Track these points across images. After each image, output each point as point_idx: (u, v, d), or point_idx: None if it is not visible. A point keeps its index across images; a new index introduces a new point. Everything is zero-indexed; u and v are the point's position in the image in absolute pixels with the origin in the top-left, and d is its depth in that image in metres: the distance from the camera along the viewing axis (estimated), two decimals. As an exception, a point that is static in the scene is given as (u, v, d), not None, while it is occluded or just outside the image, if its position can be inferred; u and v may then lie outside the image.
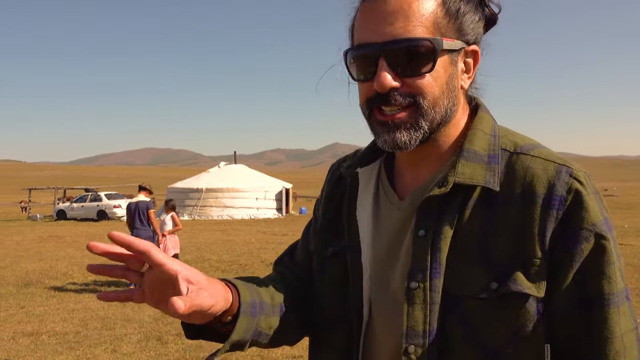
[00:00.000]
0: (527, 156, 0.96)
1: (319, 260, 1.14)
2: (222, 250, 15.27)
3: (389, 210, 1.06)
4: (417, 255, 0.95)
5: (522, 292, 0.88)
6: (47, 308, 8.57)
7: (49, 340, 6.80)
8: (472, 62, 1.00)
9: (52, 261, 13.50)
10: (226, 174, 32.45)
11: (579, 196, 0.90)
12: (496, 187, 0.94)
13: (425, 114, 0.93)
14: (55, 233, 22.19)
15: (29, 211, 36.20)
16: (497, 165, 0.96)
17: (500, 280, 0.90)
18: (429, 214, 0.96)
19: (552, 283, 0.90)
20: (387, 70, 0.91)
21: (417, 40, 0.90)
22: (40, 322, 7.66)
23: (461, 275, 0.92)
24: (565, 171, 0.92)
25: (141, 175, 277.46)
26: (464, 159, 0.96)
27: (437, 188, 0.95)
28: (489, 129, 1.01)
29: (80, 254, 14.84)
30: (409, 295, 0.94)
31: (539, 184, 0.92)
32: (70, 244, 18.13)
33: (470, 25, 0.97)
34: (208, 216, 29.76)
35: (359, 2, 0.99)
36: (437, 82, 0.93)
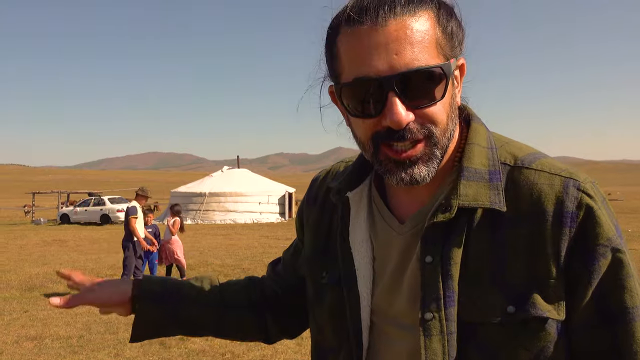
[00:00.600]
0: (530, 170, 0.92)
1: (314, 287, 1.11)
2: (225, 254, 15.26)
3: (389, 235, 1.01)
4: (428, 283, 0.91)
5: (542, 317, 0.86)
6: (50, 312, 8.57)
7: (52, 344, 6.80)
8: (459, 75, 0.95)
9: (55, 265, 13.50)
10: (229, 178, 32.46)
11: (590, 211, 0.87)
12: (503, 207, 0.90)
13: (439, 142, 0.89)
14: (59, 237, 22.22)
15: (33, 215, 36.26)
16: (500, 183, 0.92)
17: (517, 303, 0.87)
18: (434, 239, 0.92)
19: (571, 301, 0.87)
20: (400, 105, 0.84)
21: (430, 68, 0.84)
22: (43, 326, 7.66)
23: (475, 301, 0.89)
24: (572, 185, 0.89)
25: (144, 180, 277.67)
26: (465, 179, 0.92)
27: (441, 214, 0.90)
28: (485, 142, 0.97)
29: (84, 258, 14.85)
30: (424, 327, 0.90)
31: (547, 201, 0.88)
32: (74, 248, 18.15)
33: (461, 38, 0.92)
34: (211, 220, 29.77)
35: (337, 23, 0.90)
36: (444, 107, 0.89)
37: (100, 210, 30.64)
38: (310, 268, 1.13)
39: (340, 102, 0.92)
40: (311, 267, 1.12)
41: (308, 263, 1.14)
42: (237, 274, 11.94)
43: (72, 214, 31.49)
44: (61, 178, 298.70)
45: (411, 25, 0.84)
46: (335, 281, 1.05)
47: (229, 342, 6.63)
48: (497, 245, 0.89)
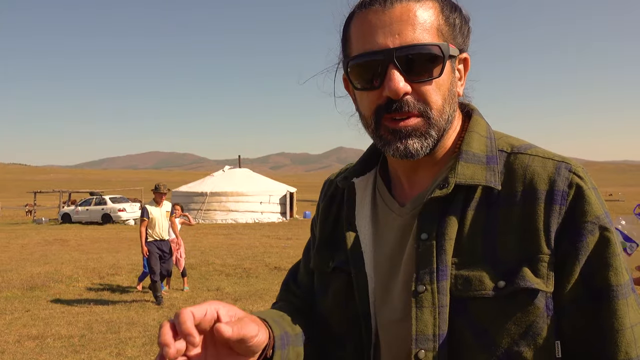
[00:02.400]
0: (525, 155, 0.97)
1: (320, 277, 1.13)
2: (226, 254, 15.27)
3: (390, 218, 1.05)
4: (422, 258, 0.94)
5: (531, 288, 0.88)
6: (52, 311, 8.60)
7: (54, 343, 6.82)
8: (463, 69, 1.02)
9: (57, 264, 13.53)
10: (230, 178, 32.46)
11: (580, 190, 0.91)
12: (498, 185, 0.95)
13: (435, 123, 0.95)
14: (60, 236, 22.25)
15: (34, 214, 36.31)
16: (496, 166, 0.97)
17: (508, 278, 0.89)
18: (430, 216, 0.96)
19: (560, 277, 0.90)
20: (399, 76, 0.91)
21: (427, 45, 0.92)
22: (45, 326, 7.68)
23: (467, 276, 0.92)
24: (564, 167, 0.94)
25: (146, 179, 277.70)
26: (463, 161, 0.97)
27: (439, 190, 0.95)
28: (485, 132, 1.03)
29: (85, 258, 14.88)
30: (417, 299, 0.93)
31: (540, 181, 0.93)
32: (75, 247, 18.17)
33: (461, 32, 0.99)
34: (212, 220, 29.78)
35: (352, 11, 0.99)
36: (441, 90, 0.95)
37: (102, 210, 30.66)
38: (318, 258, 1.14)
39: (349, 80, 0.99)
40: (319, 257, 1.14)
41: (316, 254, 1.15)
42: (239, 273, 11.96)
43: (74, 213, 31.51)
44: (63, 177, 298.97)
45: (415, 9, 0.93)
46: (341, 266, 1.06)
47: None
48: (491, 223, 0.93)
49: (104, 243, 19.38)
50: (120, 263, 13.68)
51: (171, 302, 9.18)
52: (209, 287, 10.48)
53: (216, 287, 10.42)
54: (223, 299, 9.35)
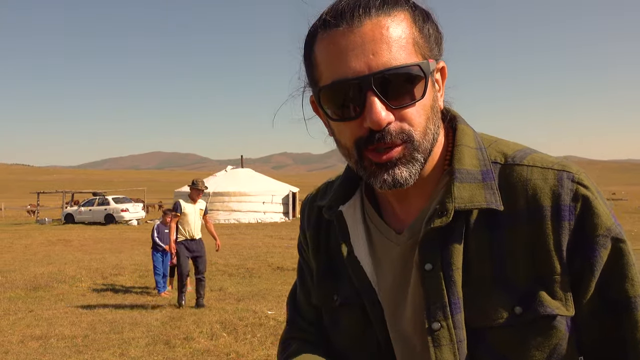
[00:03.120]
0: (522, 167, 0.91)
1: (329, 313, 1.06)
2: (229, 254, 15.27)
3: (387, 247, 0.99)
4: (431, 291, 0.89)
5: (552, 315, 0.85)
6: (55, 312, 8.61)
7: (57, 343, 6.83)
8: (440, 78, 0.94)
9: (60, 265, 13.55)
10: (233, 178, 32.50)
11: (587, 202, 0.86)
12: (500, 206, 0.88)
13: (420, 146, 0.87)
14: (64, 237, 22.29)
15: (37, 215, 36.38)
16: (494, 182, 0.91)
17: (524, 303, 0.85)
18: (432, 245, 0.90)
19: (576, 295, 0.86)
20: (379, 105, 0.83)
21: (407, 67, 0.83)
22: (48, 326, 7.69)
23: (481, 306, 0.87)
24: (566, 177, 0.88)
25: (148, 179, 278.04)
26: (458, 181, 0.90)
27: (438, 218, 0.88)
28: (473, 143, 0.96)
29: (88, 258, 14.90)
30: (433, 337, 0.88)
31: (543, 196, 0.87)
32: (79, 247, 18.21)
33: (436, 40, 0.90)
34: (215, 220, 29.78)
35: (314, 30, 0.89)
36: (424, 110, 0.87)
37: (105, 210, 30.70)
38: (322, 294, 1.07)
39: (321, 109, 0.90)
40: (322, 292, 1.07)
41: (318, 289, 1.09)
42: (241, 273, 11.96)
43: (77, 213, 31.56)
44: (65, 178, 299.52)
45: (387, 25, 0.84)
46: (348, 300, 1.01)
47: (234, 342, 6.65)
48: (497, 246, 0.88)
49: (107, 243, 19.41)
50: (123, 263, 13.69)
51: (174, 302, 9.18)
52: (211, 287, 10.48)
53: (219, 287, 10.42)
54: (226, 299, 9.37)
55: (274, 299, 9.21)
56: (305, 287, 1.15)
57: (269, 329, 7.24)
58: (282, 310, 8.26)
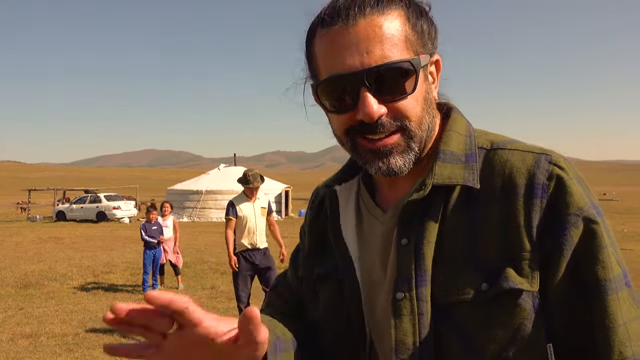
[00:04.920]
0: (505, 150, 0.94)
1: (310, 285, 1.11)
2: (221, 252, 15.23)
3: (373, 225, 1.03)
4: (402, 264, 0.91)
5: (515, 288, 0.84)
6: (46, 309, 8.57)
7: (47, 341, 6.80)
8: (435, 71, 0.98)
9: (51, 262, 13.49)
10: (226, 176, 32.44)
11: (561, 181, 0.87)
12: (476, 184, 0.91)
13: (415, 135, 0.92)
14: (55, 234, 22.18)
15: (29, 212, 36.17)
16: (475, 164, 0.94)
17: (490, 280, 0.85)
18: (410, 221, 0.93)
19: (546, 275, 0.85)
20: (371, 99, 0.88)
21: (398, 63, 0.87)
22: (39, 324, 7.66)
23: (449, 281, 0.88)
24: (544, 159, 0.90)
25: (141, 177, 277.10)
26: (441, 161, 0.94)
27: (416, 193, 0.92)
28: (464, 130, 0.99)
29: (80, 256, 14.84)
30: (395, 307, 0.90)
31: (519, 175, 0.89)
32: (70, 245, 18.12)
33: (433, 35, 0.95)
34: (207, 218, 29.75)
35: (314, 27, 0.95)
36: (418, 102, 0.91)
37: (97, 208, 30.58)
38: (307, 267, 1.13)
39: (319, 101, 0.97)
40: (307, 266, 1.13)
41: (305, 263, 1.14)
42: (233, 272, 11.93)
43: (68, 211, 31.42)
44: (57, 175, 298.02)
45: (380, 23, 0.88)
46: (327, 274, 1.05)
47: (225, 340, 6.62)
48: (472, 224, 0.89)
49: (98, 241, 19.33)
50: (115, 261, 13.65)
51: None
52: (203, 285, 10.47)
53: (211, 286, 10.41)
54: (217, 297, 9.35)
55: (265, 297, 9.19)
56: (296, 263, 1.21)
57: (260, 327, 7.21)
58: (274, 308, 8.26)
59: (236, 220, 6.83)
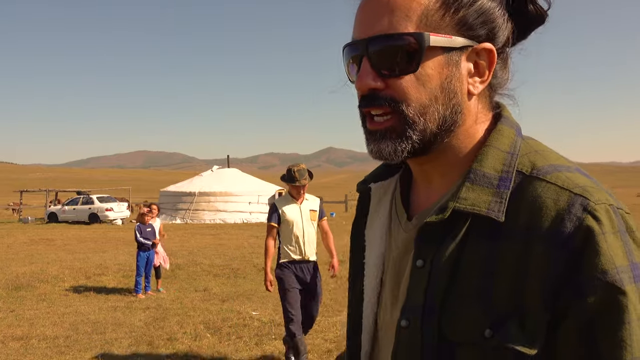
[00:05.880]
0: (542, 182, 0.81)
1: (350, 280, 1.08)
2: (214, 254, 15.22)
3: (397, 231, 0.96)
4: (413, 287, 0.85)
5: (512, 349, 0.76)
6: (37, 312, 8.52)
7: (39, 344, 6.76)
8: (485, 63, 0.86)
9: (42, 264, 13.41)
10: (219, 177, 32.39)
11: (590, 235, 0.74)
12: (500, 217, 0.80)
13: (413, 122, 0.83)
14: (47, 236, 22.05)
15: (20, 213, 35.94)
16: (507, 191, 0.82)
17: (495, 327, 0.77)
18: (428, 242, 0.85)
19: (554, 338, 0.76)
20: (369, 70, 0.83)
21: (397, 35, 0.81)
22: (30, 326, 7.61)
23: (457, 317, 0.80)
24: (580, 203, 0.76)
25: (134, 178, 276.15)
26: (470, 182, 0.84)
27: (435, 215, 0.84)
28: (507, 146, 0.87)
29: (71, 257, 14.75)
30: (398, 334, 0.86)
31: (546, 217, 0.77)
32: (62, 247, 18.01)
33: (480, 18, 0.84)
34: (200, 220, 29.67)
35: None
36: (425, 86, 0.82)
37: (89, 209, 30.41)
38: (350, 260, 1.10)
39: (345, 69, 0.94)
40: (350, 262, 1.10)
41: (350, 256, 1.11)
42: (226, 273, 11.92)
43: (60, 212, 31.24)
44: (49, 176, 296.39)
45: None
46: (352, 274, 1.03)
47: (217, 343, 6.63)
48: (489, 260, 0.80)
49: (90, 243, 19.23)
50: (107, 263, 13.58)
51: (158, 302, 9.12)
52: (196, 287, 10.43)
53: (204, 288, 10.38)
54: (210, 299, 9.33)
55: (258, 299, 9.18)
56: None
57: (253, 329, 7.22)
58: (267, 311, 8.25)
59: (280, 226, 5.60)
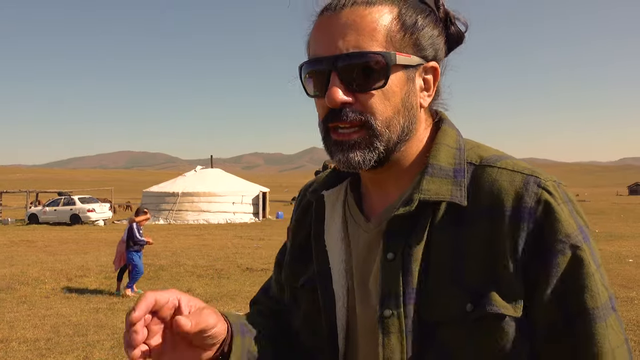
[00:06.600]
0: (493, 168, 0.92)
1: (290, 292, 1.10)
2: (197, 255, 15.15)
3: (357, 234, 1.01)
4: (388, 280, 0.90)
5: (498, 313, 0.84)
6: (17, 314, 8.41)
7: (19, 347, 6.67)
8: (432, 79, 0.96)
9: (23, 266, 13.23)
10: (202, 178, 32.27)
11: (549, 206, 0.86)
12: (463, 201, 0.90)
13: (380, 134, 0.90)
14: (27, 237, 21.76)
15: (0, 215, 35.45)
16: (464, 179, 0.92)
17: (476, 301, 0.85)
18: (396, 235, 0.92)
19: (531, 301, 0.85)
20: (338, 85, 0.88)
21: (368, 54, 0.87)
22: (10, 329, 7.51)
23: (434, 299, 0.87)
24: (533, 181, 0.88)
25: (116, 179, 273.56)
26: (429, 175, 0.93)
27: (402, 207, 0.91)
28: (454, 143, 0.98)
29: (52, 259, 14.58)
30: (383, 324, 0.89)
31: (506, 196, 0.88)
32: (43, 248, 17.79)
33: (429, 40, 0.94)
34: (184, 220, 29.51)
35: (316, 16, 0.96)
36: (390, 101, 0.90)
37: (70, 210, 30.10)
38: (289, 273, 1.11)
39: (302, 84, 0.97)
40: (290, 271, 1.11)
41: (288, 268, 1.12)
42: (210, 274, 11.87)
43: (41, 213, 30.86)
44: (30, 177, 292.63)
45: (363, 14, 0.89)
46: (309, 283, 1.04)
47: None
48: (458, 242, 0.89)
49: (72, 244, 19.02)
50: (89, 265, 13.45)
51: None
52: (180, 288, 10.26)
53: (187, 289, 10.32)
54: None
55: (242, 300, 9.17)
56: (279, 269, 1.19)
57: (237, 330, 7.19)
58: (251, 311, 8.23)
59: None
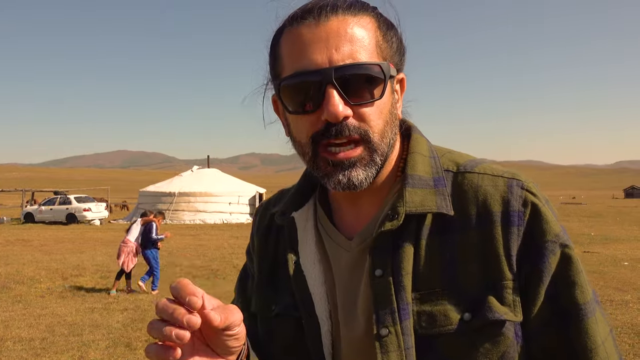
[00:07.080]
0: (473, 174, 0.92)
1: (264, 322, 1.02)
2: (193, 255, 15.14)
3: (337, 253, 0.97)
4: (380, 297, 0.87)
5: (500, 320, 0.84)
6: (12, 313, 8.39)
7: (14, 346, 6.66)
8: (400, 90, 0.96)
9: (18, 265, 13.21)
10: (199, 178, 32.24)
11: (536, 208, 0.88)
12: (450, 211, 0.89)
13: (377, 148, 0.88)
14: (23, 236, 21.72)
15: (-5, 214, 35.34)
16: (445, 188, 0.91)
17: (473, 309, 0.84)
18: (383, 251, 0.89)
19: (525, 301, 0.86)
20: (338, 98, 0.83)
21: (368, 65, 0.85)
22: (5, 328, 7.49)
23: (430, 312, 0.86)
24: (516, 184, 0.90)
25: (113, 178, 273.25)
26: (410, 187, 0.91)
27: (389, 222, 0.88)
28: (427, 151, 0.97)
29: (48, 258, 14.55)
30: (381, 344, 0.86)
31: (493, 201, 0.88)
32: (38, 247, 17.75)
33: (398, 50, 0.92)
34: (180, 220, 29.47)
35: (282, 26, 0.90)
36: (382, 112, 0.88)
37: (66, 209, 30.03)
38: (261, 302, 1.03)
39: (281, 102, 0.90)
40: (261, 300, 1.03)
41: (258, 297, 1.05)
42: (206, 274, 11.86)
43: (37, 212, 30.79)
44: (26, 176, 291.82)
45: (352, 23, 0.86)
46: (285, 312, 0.98)
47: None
48: (449, 252, 0.88)
49: (68, 243, 18.98)
50: (85, 264, 13.42)
51: (136, 303, 9.04)
52: (175, 288, 10.37)
53: (183, 289, 10.31)
54: (190, 300, 9.27)
55: (238, 300, 9.16)
56: (245, 294, 1.11)
57: (233, 330, 7.19)
58: (247, 312, 8.23)
59: None
